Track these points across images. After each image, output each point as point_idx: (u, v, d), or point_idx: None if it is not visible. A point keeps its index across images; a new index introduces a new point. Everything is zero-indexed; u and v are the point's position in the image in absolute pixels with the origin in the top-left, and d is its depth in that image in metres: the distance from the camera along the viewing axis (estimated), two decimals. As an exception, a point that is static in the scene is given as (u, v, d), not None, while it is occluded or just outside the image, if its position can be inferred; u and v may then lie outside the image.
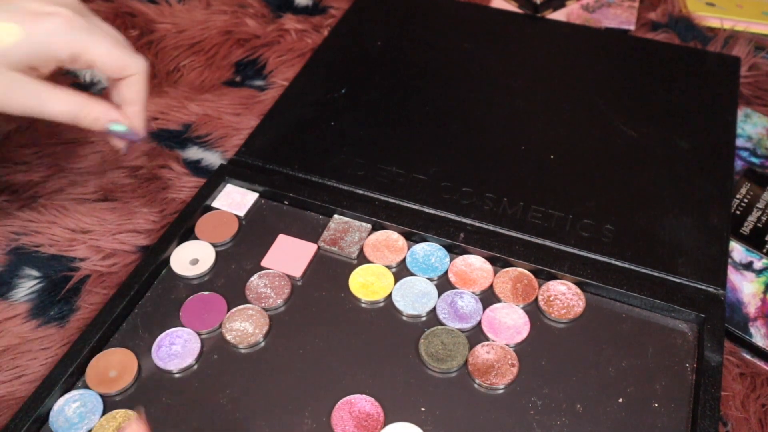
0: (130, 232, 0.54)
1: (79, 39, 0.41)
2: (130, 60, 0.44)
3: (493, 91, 0.64)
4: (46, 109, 0.42)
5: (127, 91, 0.45)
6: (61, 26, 0.41)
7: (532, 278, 0.49)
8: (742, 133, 0.62)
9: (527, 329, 0.47)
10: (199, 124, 0.63)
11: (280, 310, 0.48)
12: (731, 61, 0.67)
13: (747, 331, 0.48)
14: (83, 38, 0.41)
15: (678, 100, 0.62)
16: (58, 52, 0.41)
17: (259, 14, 0.75)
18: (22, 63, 0.41)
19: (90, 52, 0.42)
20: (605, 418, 0.43)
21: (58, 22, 0.41)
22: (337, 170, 0.56)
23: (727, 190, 0.55)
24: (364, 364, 0.45)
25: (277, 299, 0.48)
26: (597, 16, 0.75)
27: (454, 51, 0.68)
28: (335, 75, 0.65)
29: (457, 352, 0.45)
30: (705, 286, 0.48)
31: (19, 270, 0.51)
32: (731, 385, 0.46)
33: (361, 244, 0.51)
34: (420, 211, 0.53)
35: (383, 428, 0.42)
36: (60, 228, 0.54)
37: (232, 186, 0.55)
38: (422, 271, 0.50)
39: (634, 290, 0.48)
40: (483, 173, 0.56)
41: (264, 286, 0.49)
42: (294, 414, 0.43)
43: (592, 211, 0.53)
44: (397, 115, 0.61)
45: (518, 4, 0.75)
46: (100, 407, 0.43)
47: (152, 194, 0.57)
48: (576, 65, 0.67)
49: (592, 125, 0.60)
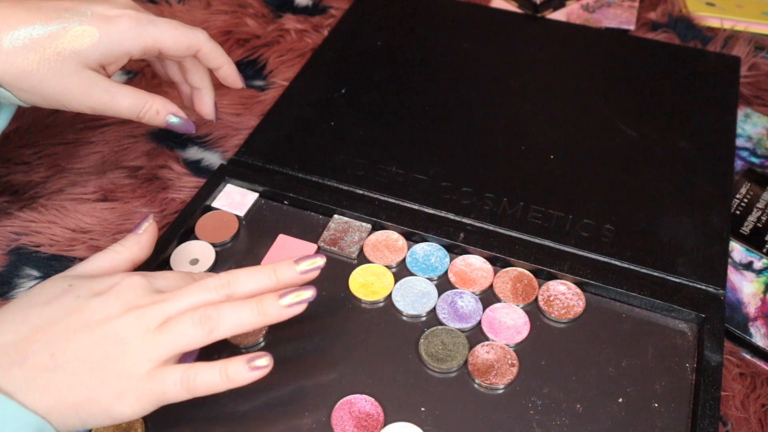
0: (129, 232, 0.54)
1: (147, 32, 0.46)
2: (192, 35, 0.48)
3: (493, 91, 0.64)
4: (116, 104, 0.46)
5: (210, 62, 0.50)
6: (130, 25, 0.45)
7: (532, 278, 0.49)
8: (742, 133, 0.62)
9: (527, 329, 0.47)
10: (199, 124, 0.63)
11: None
12: (731, 61, 0.67)
13: (747, 331, 0.48)
14: (150, 30, 0.46)
15: (678, 100, 0.62)
16: (132, 48, 0.46)
17: (259, 14, 0.75)
18: (97, 62, 0.45)
19: (158, 40, 0.46)
20: (605, 418, 0.43)
21: (127, 22, 0.45)
22: (337, 170, 0.56)
23: (727, 190, 0.55)
24: (364, 364, 0.45)
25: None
26: (597, 16, 0.75)
27: (454, 51, 0.68)
28: (335, 75, 0.65)
29: (457, 352, 0.45)
30: (705, 286, 0.48)
31: (20, 270, 0.51)
32: (731, 385, 0.46)
33: (361, 244, 0.51)
34: (420, 211, 0.53)
35: (383, 428, 0.42)
36: (60, 228, 0.54)
37: (232, 186, 0.55)
38: (422, 271, 0.50)
39: (634, 290, 0.48)
40: (483, 173, 0.56)
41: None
42: (294, 414, 0.43)
43: (592, 211, 0.53)
44: (397, 115, 0.61)
45: (518, 4, 0.75)
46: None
47: (152, 194, 0.57)
48: (576, 65, 0.67)
49: (592, 125, 0.60)
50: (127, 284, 0.38)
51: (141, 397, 0.36)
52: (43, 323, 0.36)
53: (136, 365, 0.36)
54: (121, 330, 0.36)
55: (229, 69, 0.51)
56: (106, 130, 0.62)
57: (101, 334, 0.36)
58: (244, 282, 0.39)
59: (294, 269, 0.40)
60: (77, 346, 0.35)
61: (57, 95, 0.44)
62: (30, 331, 0.36)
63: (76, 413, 0.35)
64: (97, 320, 0.36)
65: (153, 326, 0.36)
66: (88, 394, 0.35)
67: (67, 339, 0.36)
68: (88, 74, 0.44)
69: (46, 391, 0.35)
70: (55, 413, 0.35)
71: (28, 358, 0.35)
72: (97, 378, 0.35)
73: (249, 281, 0.39)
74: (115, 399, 0.35)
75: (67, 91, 0.44)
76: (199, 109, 0.53)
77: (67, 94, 0.44)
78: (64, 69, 0.43)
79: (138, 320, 0.36)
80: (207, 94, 0.52)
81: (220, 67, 0.51)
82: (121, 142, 0.61)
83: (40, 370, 0.35)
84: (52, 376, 0.35)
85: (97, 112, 0.46)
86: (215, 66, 0.50)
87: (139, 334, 0.36)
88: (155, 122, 0.48)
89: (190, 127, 0.50)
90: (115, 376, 0.35)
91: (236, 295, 0.38)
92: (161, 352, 0.36)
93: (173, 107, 0.48)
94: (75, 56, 0.44)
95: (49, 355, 0.35)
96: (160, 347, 0.36)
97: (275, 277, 0.39)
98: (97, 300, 0.37)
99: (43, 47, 0.43)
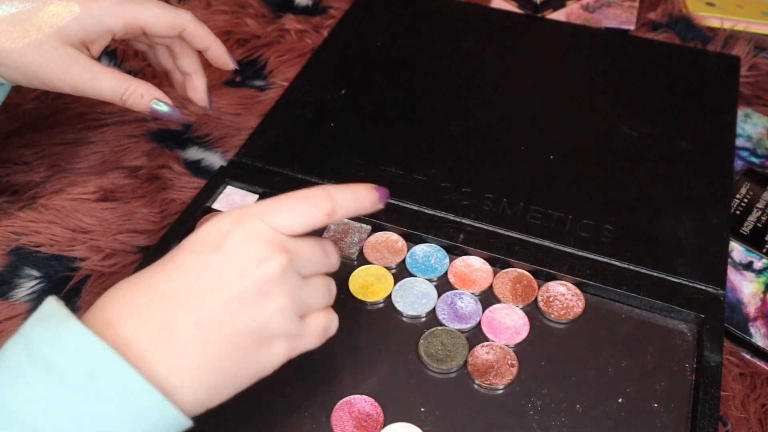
0: (130, 233, 0.54)
1: (129, 8, 0.46)
2: (176, 14, 0.47)
3: (492, 91, 0.64)
4: (96, 83, 0.45)
5: (197, 42, 0.49)
6: (111, 1, 0.45)
7: (531, 279, 0.49)
8: (742, 133, 0.62)
9: (527, 330, 0.47)
10: (200, 124, 0.63)
11: None
12: (731, 61, 0.67)
13: (747, 331, 0.48)
14: (132, 7, 0.46)
15: (678, 100, 0.62)
16: (113, 24, 0.45)
17: (259, 14, 0.75)
18: (78, 39, 0.45)
19: (140, 17, 0.46)
20: (605, 418, 0.43)
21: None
22: (337, 171, 0.56)
23: (727, 190, 0.55)
24: (364, 364, 0.45)
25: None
26: (597, 16, 0.75)
27: (454, 51, 0.68)
28: (335, 75, 0.65)
29: (457, 353, 0.45)
30: (705, 286, 0.48)
31: (20, 270, 0.51)
32: (731, 385, 0.46)
33: (361, 246, 0.51)
34: (419, 211, 0.53)
35: (383, 428, 0.42)
36: (60, 228, 0.54)
37: (232, 188, 0.55)
38: (422, 272, 0.50)
39: (633, 290, 0.48)
40: (483, 173, 0.56)
41: None
42: (294, 414, 0.43)
43: (592, 211, 0.53)
44: (397, 115, 0.61)
45: (518, 4, 0.75)
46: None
47: (152, 194, 0.57)
48: (576, 65, 0.67)
49: (592, 125, 0.60)
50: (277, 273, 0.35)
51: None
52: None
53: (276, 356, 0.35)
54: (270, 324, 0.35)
55: (218, 49, 0.50)
56: (106, 130, 0.62)
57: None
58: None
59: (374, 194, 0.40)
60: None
61: (37, 70, 0.44)
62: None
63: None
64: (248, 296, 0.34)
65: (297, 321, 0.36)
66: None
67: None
68: (69, 51, 0.44)
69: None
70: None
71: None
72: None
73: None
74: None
75: (47, 67, 0.44)
76: (191, 95, 0.52)
77: (46, 70, 0.44)
78: (44, 45, 0.43)
79: (285, 321, 0.35)
80: (198, 78, 0.51)
81: (208, 48, 0.50)
82: (121, 142, 0.61)
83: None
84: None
85: (78, 91, 0.45)
86: (203, 46, 0.50)
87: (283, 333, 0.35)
88: (139, 106, 0.47)
89: (175, 115, 0.48)
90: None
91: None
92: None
93: (158, 93, 0.48)
94: (56, 32, 0.43)
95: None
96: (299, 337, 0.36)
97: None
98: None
99: (22, 21, 0.43)
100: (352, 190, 0.39)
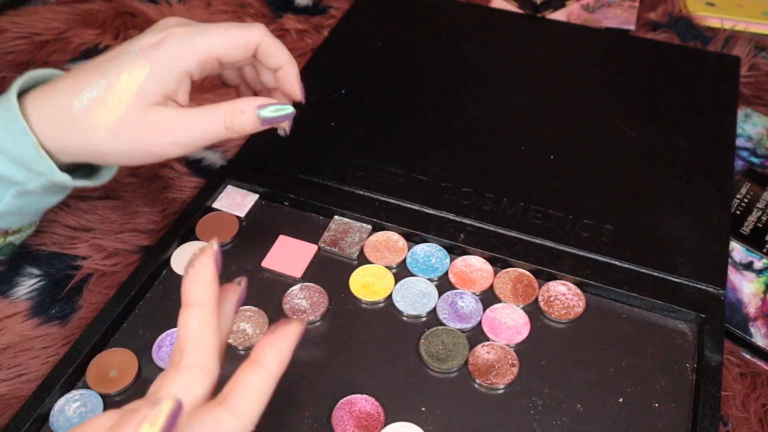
0: (131, 232, 0.54)
1: (195, 42, 0.42)
2: (248, 32, 0.43)
3: (493, 91, 0.64)
4: (194, 126, 0.42)
5: (268, 60, 0.45)
6: (176, 42, 0.42)
7: (532, 279, 0.49)
8: (742, 133, 0.62)
9: (527, 329, 0.47)
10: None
11: (317, 324, 0.48)
12: (731, 61, 0.67)
13: (747, 331, 0.48)
14: (198, 39, 0.42)
15: (678, 100, 0.63)
16: (187, 65, 0.42)
17: (259, 14, 0.75)
18: (160, 94, 0.41)
19: (211, 48, 0.42)
20: (605, 418, 0.43)
21: (172, 40, 0.42)
22: (338, 171, 0.56)
23: (727, 190, 0.55)
24: (364, 364, 0.45)
25: (312, 314, 0.48)
26: (597, 16, 0.75)
27: (454, 51, 0.68)
28: (335, 75, 0.65)
29: (458, 352, 0.45)
30: (705, 286, 0.48)
31: (21, 268, 0.51)
32: (731, 385, 0.46)
33: (362, 245, 0.51)
34: (420, 211, 0.53)
35: (383, 428, 0.42)
36: (61, 226, 0.54)
37: (232, 187, 0.56)
38: (422, 272, 0.50)
39: (634, 290, 0.48)
40: (483, 173, 0.56)
41: (302, 298, 0.48)
42: (294, 414, 0.43)
43: (592, 211, 0.53)
44: (397, 115, 0.61)
45: (518, 4, 0.75)
46: (100, 407, 0.43)
47: (154, 194, 0.57)
48: (576, 65, 0.67)
49: (592, 125, 0.60)
50: None
51: None
52: None
53: None
54: None
55: (290, 71, 0.46)
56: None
57: None
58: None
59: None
60: None
61: (134, 143, 0.41)
62: None
63: None
64: None
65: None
66: None
67: None
68: (155, 110, 0.41)
69: None
70: None
71: None
72: None
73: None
74: None
75: (142, 136, 0.41)
76: (284, 89, 0.47)
77: (143, 137, 0.41)
78: (130, 116, 0.41)
79: None
80: (290, 69, 0.46)
81: (280, 67, 0.46)
82: (122, 142, 0.61)
83: None
84: None
85: (183, 145, 0.42)
86: (274, 65, 0.45)
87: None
88: (247, 124, 0.43)
89: (288, 110, 0.43)
90: None
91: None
92: None
93: (257, 99, 0.43)
94: (136, 98, 0.41)
95: None
96: None
97: None
98: None
99: (104, 101, 0.40)
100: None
